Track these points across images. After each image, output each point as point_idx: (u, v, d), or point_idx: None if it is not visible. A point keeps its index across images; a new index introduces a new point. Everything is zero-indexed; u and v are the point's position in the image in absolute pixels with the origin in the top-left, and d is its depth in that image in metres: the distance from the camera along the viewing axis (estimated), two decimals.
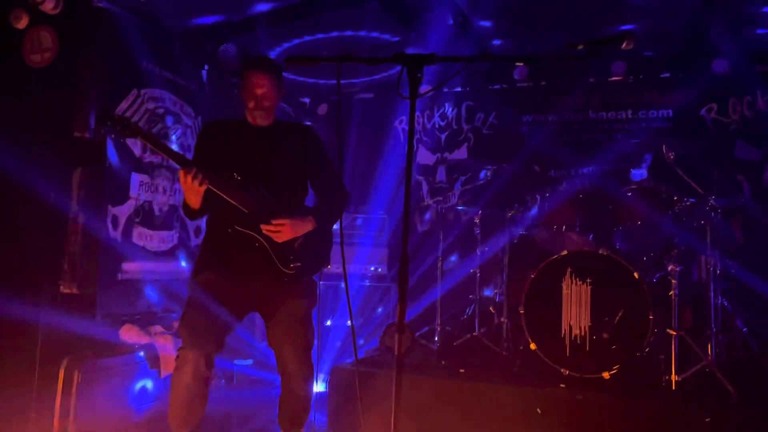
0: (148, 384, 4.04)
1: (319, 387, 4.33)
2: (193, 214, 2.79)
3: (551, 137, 5.79)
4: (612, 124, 5.70)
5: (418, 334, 4.67)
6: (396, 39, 5.20)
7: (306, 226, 2.85)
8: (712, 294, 3.89)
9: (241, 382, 4.99)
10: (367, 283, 5.36)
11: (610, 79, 5.67)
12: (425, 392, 3.56)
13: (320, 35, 5.16)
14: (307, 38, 5.20)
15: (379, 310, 5.31)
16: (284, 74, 2.98)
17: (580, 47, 2.06)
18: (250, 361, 5.04)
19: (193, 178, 2.59)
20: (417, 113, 6.34)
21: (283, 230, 2.78)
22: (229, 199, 2.72)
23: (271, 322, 2.84)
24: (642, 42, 5.20)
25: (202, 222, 3.18)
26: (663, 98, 5.54)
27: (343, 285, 5.26)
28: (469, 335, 4.44)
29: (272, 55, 5.41)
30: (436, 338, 4.55)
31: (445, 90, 6.24)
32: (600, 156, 5.38)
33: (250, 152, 2.83)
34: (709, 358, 3.55)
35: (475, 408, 3.45)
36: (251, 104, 2.83)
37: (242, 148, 2.84)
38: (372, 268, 5.35)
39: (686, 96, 5.41)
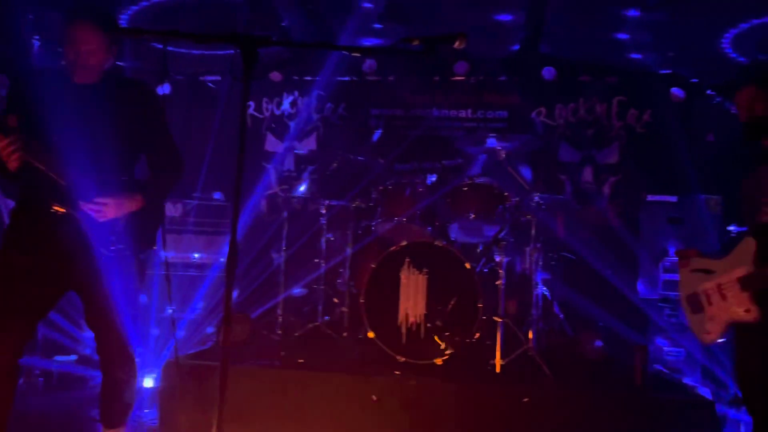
0: None
1: (148, 382, 4.09)
2: None
3: (397, 131, 5.98)
4: (453, 121, 5.99)
5: (260, 323, 4.58)
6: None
7: (133, 205, 2.62)
8: (534, 283, 4.23)
9: (62, 381, 4.56)
10: (217, 272, 5.17)
11: (453, 78, 5.95)
12: (262, 383, 3.49)
13: None
14: None
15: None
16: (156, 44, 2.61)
17: (416, 43, 2.10)
18: (73, 357, 4.63)
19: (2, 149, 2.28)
20: (266, 99, 6.20)
21: (105, 210, 2.52)
22: (43, 169, 2.42)
23: (89, 303, 2.61)
24: (482, 44, 5.50)
25: None
26: (500, 99, 5.93)
27: (190, 273, 5.06)
28: (311, 325, 4.45)
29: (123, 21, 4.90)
30: (278, 329, 4.50)
31: (296, 78, 6.16)
32: (440, 152, 5.65)
33: (70, 114, 2.50)
34: (530, 342, 3.86)
35: (311, 397, 3.45)
36: (73, 59, 2.50)
37: (62, 108, 2.50)
38: (222, 258, 5.17)
39: (520, 99, 5.86)
